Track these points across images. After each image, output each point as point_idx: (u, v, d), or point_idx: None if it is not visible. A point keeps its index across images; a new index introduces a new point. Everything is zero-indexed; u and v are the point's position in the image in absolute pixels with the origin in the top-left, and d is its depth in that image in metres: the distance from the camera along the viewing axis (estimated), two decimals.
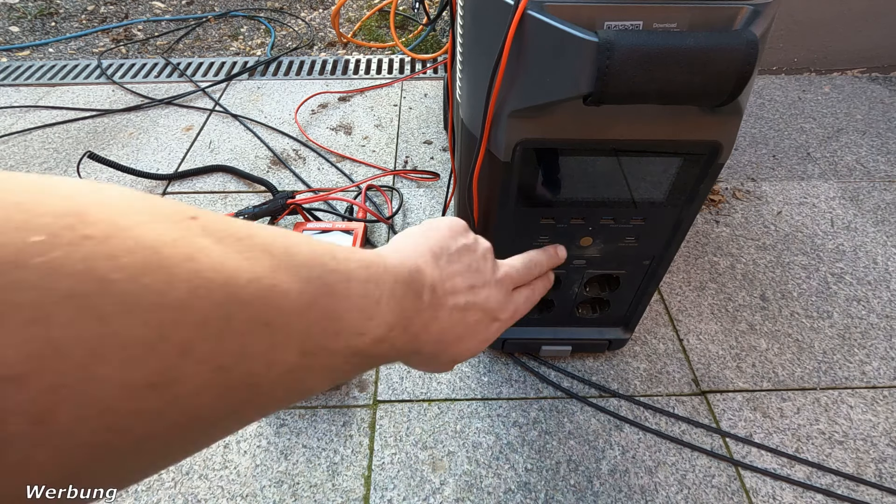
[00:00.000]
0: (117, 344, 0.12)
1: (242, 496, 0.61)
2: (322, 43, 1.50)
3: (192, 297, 0.13)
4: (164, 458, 0.15)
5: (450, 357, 0.28)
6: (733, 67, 0.35)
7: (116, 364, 0.12)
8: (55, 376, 0.11)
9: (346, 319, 0.19)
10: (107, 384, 0.12)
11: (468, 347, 0.29)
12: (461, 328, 0.28)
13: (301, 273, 0.18)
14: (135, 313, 0.12)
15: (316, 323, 0.18)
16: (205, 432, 0.16)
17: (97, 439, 0.12)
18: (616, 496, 0.62)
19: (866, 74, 1.33)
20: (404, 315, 0.23)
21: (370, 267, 0.21)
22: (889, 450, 0.66)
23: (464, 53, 0.47)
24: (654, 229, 0.54)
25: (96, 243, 0.12)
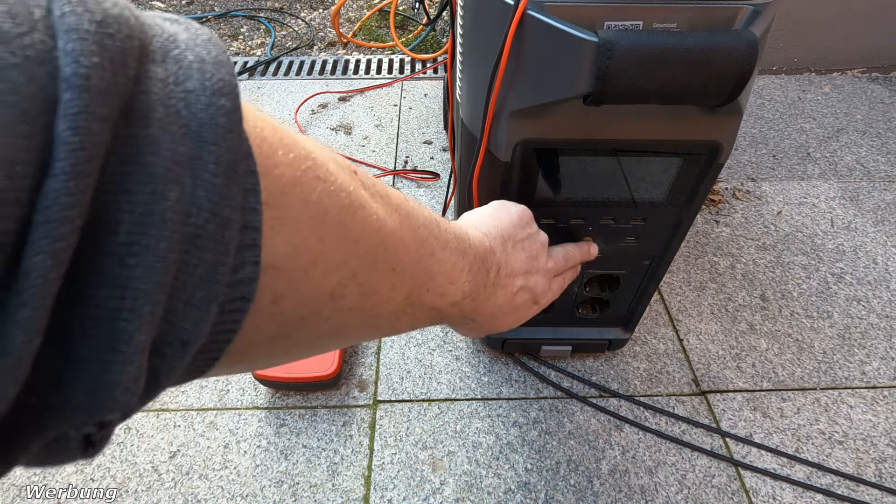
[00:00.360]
0: (325, 258, 0.17)
1: (242, 496, 0.61)
2: (322, 43, 1.50)
3: (362, 234, 0.18)
4: (317, 349, 0.21)
5: (492, 327, 0.32)
6: (733, 67, 0.35)
7: (322, 271, 0.17)
8: (293, 272, 0.16)
9: (437, 280, 0.23)
10: (312, 286, 0.17)
11: (508, 322, 0.33)
12: (510, 307, 0.32)
13: (417, 234, 0.22)
14: (336, 239, 0.17)
15: (419, 278, 0.22)
16: (343, 340, 0.22)
17: (294, 324, 0.17)
18: (616, 496, 0.62)
19: (866, 74, 1.33)
20: (475, 287, 0.27)
21: (461, 241, 0.26)
22: (889, 450, 0.66)
23: (464, 53, 0.47)
24: (654, 229, 0.54)
25: (324, 184, 0.17)
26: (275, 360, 0.20)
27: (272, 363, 0.20)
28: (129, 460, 0.64)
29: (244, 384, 0.72)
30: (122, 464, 0.64)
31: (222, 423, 0.68)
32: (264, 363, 0.20)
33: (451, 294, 0.25)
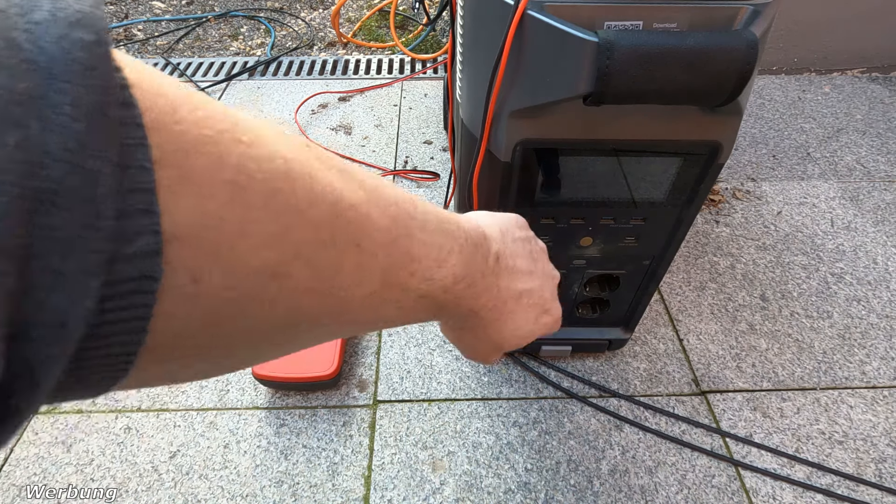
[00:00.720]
0: (256, 230, 0.15)
1: (242, 496, 0.61)
2: (322, 43, 1.50)
3: (309, 206, 0.16)
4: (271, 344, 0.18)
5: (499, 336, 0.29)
6: (733, 67, 0.35)
7: (253, 244, 0.15)
8: (212, 243, 0.14)
9: (421, 263, 0.21)
10: (244, 262, 0.15)
11: (518, 332, 0.30)
12: (516, 307, 0.29)
13: (388, 211, 0.20)
14: (270, 208, 0.15)
15: (396, 259, 0.20)
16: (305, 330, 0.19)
17: (226, 310, 0.15)
18: (616, 496, 0.62)
19: (866, 74, 1.33)
20: (470, 272, 0.25)
21: (445, 222, 0.24)
22: (889, 450, 0.66)
23: (464, 53, 0.47)
24: (654, 229, 0.54)
25: (247, 147, 0.15)
26: (215, 361, 0.17)
27: (214, 365, 0.18)
28: (129, 460, 0.64)
29: (244, 384, 0.72)
30: (122, 464, 0.64)
31: (222, 423, 0.68)
32: (203, 365, 0.17)
33: (441, 277, 0.23)
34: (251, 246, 0.15)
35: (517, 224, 0.32)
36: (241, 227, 0.14)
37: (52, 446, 0.66)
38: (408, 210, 0.21)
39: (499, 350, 0.31)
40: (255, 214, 0.14)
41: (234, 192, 0.14)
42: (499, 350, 0.31)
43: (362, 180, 0.20)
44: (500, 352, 0.31)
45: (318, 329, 0.20)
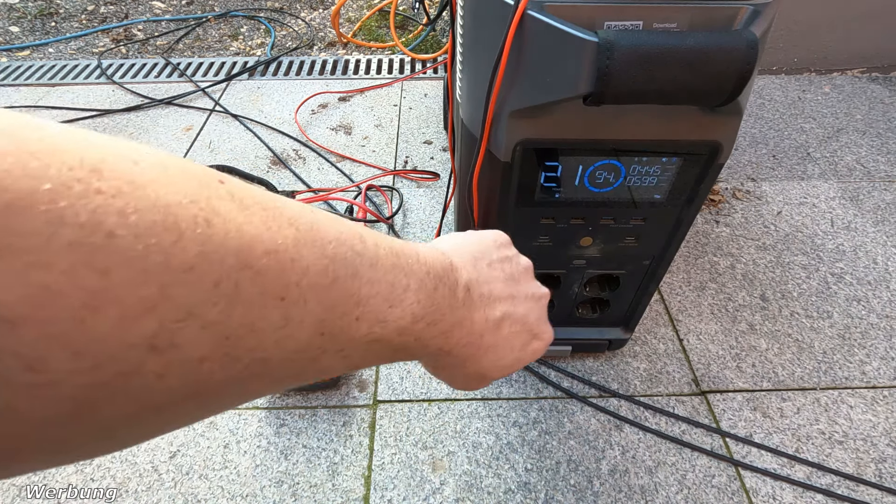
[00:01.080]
0: (115, 298, 0.12)
1: (242, 496, 0.61)
2: (322, 43, 1.50)
3: (200, 260, 0.13)
4: (164, 421, 0.15)
5: (479, 369, 0.27)
6: (733, 67, 0.35)
7: (114, 318, 0.12)
8: (49, 323, 0.11)
9: (369, 305, 0.19)
10: (102, 339, 0.12)
11: (501, 362, 0.27)
12: (496, 337, 0.26)
13: (326, 251, 0.17)
14: (137, 270, 0.12)
15: (336, 304, 0.18)
16: (209, 401, 0.16)
17: (90, 395, 0.12)
18: (616, 496, 0.62)
19: (866, 74, 1.33)
20: (434, 309, 0.22)
21: (400, 256, 0.21)
22: (889, 450, 0.66)
23: (464, 53, 0.47)
24: (654, 229, 0.54)
25: (106, 198, 0.12)
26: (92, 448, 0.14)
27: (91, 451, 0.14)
28: (129, 460, 0.64)
29: None
30: (122, 464, 0.64)
31: (222, 423, 0.68)
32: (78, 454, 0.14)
33: (395, 318, 0.20)
34: (112, 318, 0.12)
35: (495, 244, 0.29)
36: (90, 298, 0.11)
37: None
38: (353, 247, 0.19)
39: (484, 382, 0.28)
40: (113, 281, 0.12)
41: (79, 256, 0.11)
42: (484, 382, 0.28)
43: (294, 218, 0.17)
44: (485, 382, 0.28)
45: (228, 396, 0.16)
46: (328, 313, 0.17)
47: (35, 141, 0.11)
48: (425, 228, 0.94)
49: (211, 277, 0.13)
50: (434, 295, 0.22)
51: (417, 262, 0.22)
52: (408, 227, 0.94)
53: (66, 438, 0.13)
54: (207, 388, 0.15)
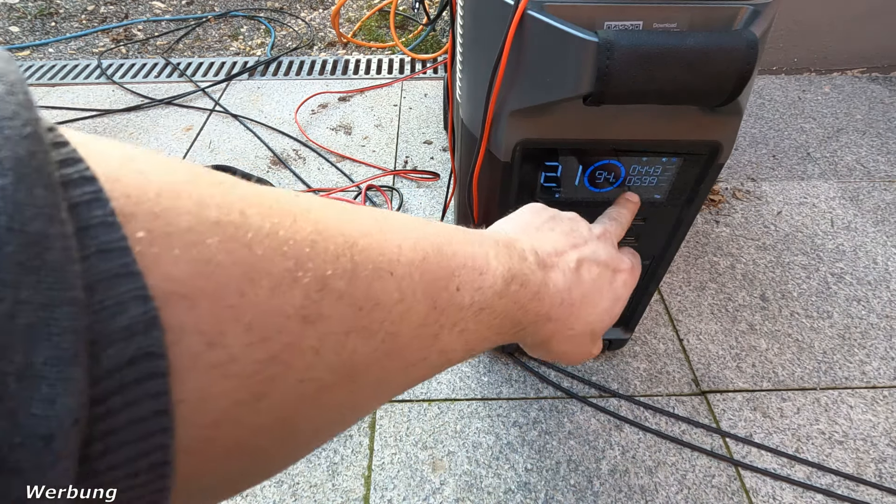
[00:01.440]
0: (265, 270, 0.13)
1: (242, 496, 0.61)
2: (322, 43, 1.50)
3: (316, 236, 0.14)
4: (329, 411, 0.15)
5: (585, 325, 0.27)
6: (733, 67, 0.35)
7: (268, 289, 0.13)
8: (219, 296, 0.12)
9: (462, 275, 0.19)
10: (264, 310, 0.12)
11: (599, 308, 0.27)
12: (582, 287, 0.26)
13: (407, 234, 0.18)
14: (273, 245, 0.13)
15: (436, 278, 0.18)
16: (358, 384, 0.16)
17: (266, 372, 0.13)
18: (616, 496, 0.62)
19: (866, 74, 1.33)
20: (515, 271, 0.22)
21: (466, 233, 0.22)
22: (889, 450, 0.66)
23: (464, 53, 0.47)
24: (654, 229, 0.54)
25: (228, 187, 0.13)
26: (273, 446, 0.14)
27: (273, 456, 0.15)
28: None
29: None
30: None
31: None
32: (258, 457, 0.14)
33: (490, 283, 0.21)
34: (266, 288, 0.12)
35: (533, 212, 0.30)
36: (246, 270, 0.12)
37: None
38: (424, 229, 0.19)
39: (596, 338, 0.29)
40: (258, 253, 0.13)
41: (225, 231, 0.12)
42: (596, 338, 0.29)
43: (368, 212, 0.18)
44: (597, 340, 0.29)
45: (381, 378, 0.17)
46: (432, 286, 0.18)
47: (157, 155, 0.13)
48: None
49: (331, 253, 0.14)
50: (511, 260, 0.23)
51: (482, 236, 0.23)
52: None
53: (255, 428, 0.13)
54: (355, 366, 0.15)
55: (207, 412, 0.12)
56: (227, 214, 0.12)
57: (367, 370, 0.16)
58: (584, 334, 0.27)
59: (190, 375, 0.11)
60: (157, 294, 0.10)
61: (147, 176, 0.11)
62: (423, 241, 0.19)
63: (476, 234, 0.23)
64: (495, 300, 0.21)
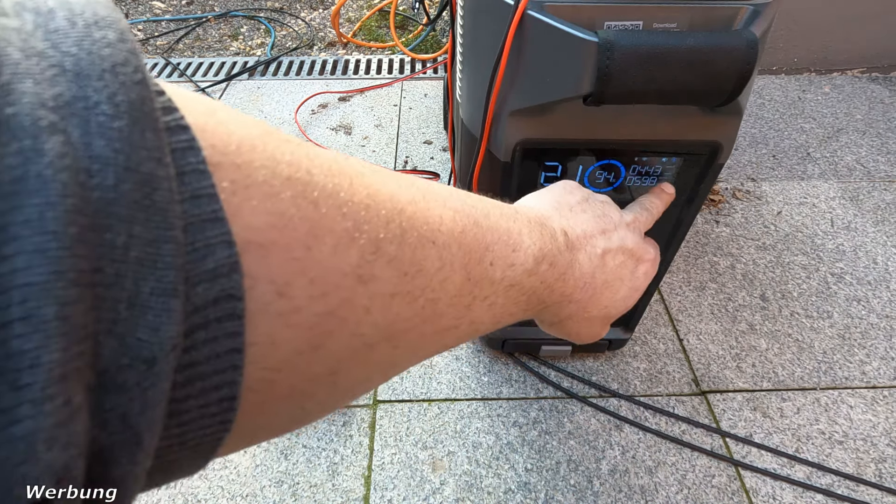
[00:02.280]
0: (328, 228, 0.13)
1: (242, 496, 0.61)
2: (322, 43, 1.50)
3: (370, 200, 0.15)
4: (379, 359, 0.16)
5: (602, 309, 0.27)
6: (733, 67, 0.35)
7: (330, 246, 0.13)
8: (289, 248, 0.12)
9: (495, 250, 0.20)
10: (326, 266, 0.13)
11: (618, 294, 0.28)
12: (605, 273, 0.27)
13: (448, 205, 0.19)
14: (335, 202, 0.14)
15: (472, 250, 0.19)
16: (398, 344, 0.17)
17: (324, 324, 0.13)
18: (616, 496, 0.62)
19: (866, 74, 1.33)
20: (548, 250, 0.23)
21: (502, 208, 0.22)
22: (889, 450, 0.66)
23: (464, 53, 0.47)
24: (654, 229, 0.54)
25: (295, 145, 0.14)
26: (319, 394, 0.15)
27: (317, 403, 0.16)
28: None
29: None
30: None
31: None
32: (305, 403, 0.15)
33: (521, 261, 0.21)
34: (329, 246, 0.13)
35: (567, 190, 0.30)
36: (312, 226, 0.13)
37: None
38: (465, 201, 0.20)
39: (608, 321, 0.29)
40: (322, 211, 0.13)
41: (296, 187, 0.13)
42: (608, 321, 0.29)
43: (411, 180, 0.18)
44: (609, 323, 0.29)
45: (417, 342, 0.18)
46: (468, 258, 0.19)
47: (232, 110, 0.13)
48: None
49: (383, 217, 0.15)
50: (543, 239, 0.23)
51: (517, 212, 0.23)
52: None
53: (308, 373, 0.14)
54: (397, 327, 0.16)
55: (272, 356, 0.12)
56: (296, 171, 0.13)
57: (407, 333, 0.17)
58: (600, 318, 0.28)
59: (261, 320, 0.12)
60: (238, 240, 0.11)
61: (228, 127, 0.12)
62: (462, 214, 0.19)
63: (511, 209, 0.23)
64: (525, 278, 0.21)
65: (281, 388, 0.13)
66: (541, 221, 0.24)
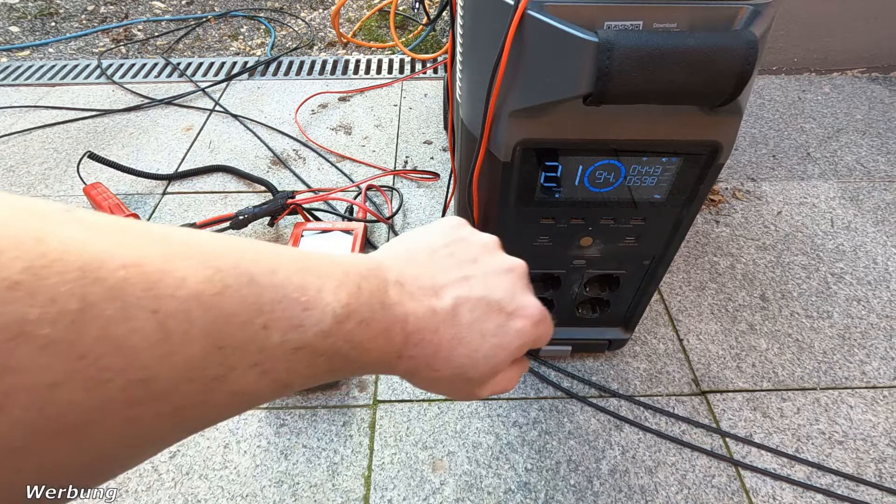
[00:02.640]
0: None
1: (242, 496, 0.61)
2: (322, 43, 1.50)
3: (28, 276, 0.12)
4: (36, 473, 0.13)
5: (456, 369, 0.24)
6: (733, 67, 0.35)
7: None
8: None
9: (276, 311, 0.17)
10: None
11: (477, 354, 0.24)
12: (455, 328, 0.23)
13: (209, 262, 0.16)
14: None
15: (233, 314, 0.16)
16: (86, 439, 0.14)
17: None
18: (616, 496, 0.62)
19: (866, 74, 1.33)
20: (360, 307, 0.20)
21: (309, 260, 0.20)
22: (889, 450, 0.66)
23: (464, 53, 0.47)
24: (654, 229, 0.54)
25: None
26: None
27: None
28: None
29: None
30: None
31: (222, 423, 0.68)
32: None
33: (314, 321, 0.18)
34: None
35: (440, 232, 0.27)
36: None
37: None
38: (244, 255, 0.18)
39: (474, 382, 0.25)
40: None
41: None
42: (474, 382, 0.25)
43: (167, 235, 0.16)
44: (478, 385, 0.25)
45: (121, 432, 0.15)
46: (223, 323, 0.16)
47: None
48: None
49: (45, 294, 0.12)
50: (358, 294, 0.20)
51: (332, 264, 0.20)
52: (408, 227, 0.94)
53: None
54: (75, 420, 0.13)
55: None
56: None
57: (101, 424, 0.14)
58: (456, 378, 0.24)
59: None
60: None
61: None
62: (230, 273, 0.17)
63: (327, 261, 0.20)
64: (319, 339, 0.19)
65: None
66: (368, 273, 0.21)
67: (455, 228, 0.27)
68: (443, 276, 0.24)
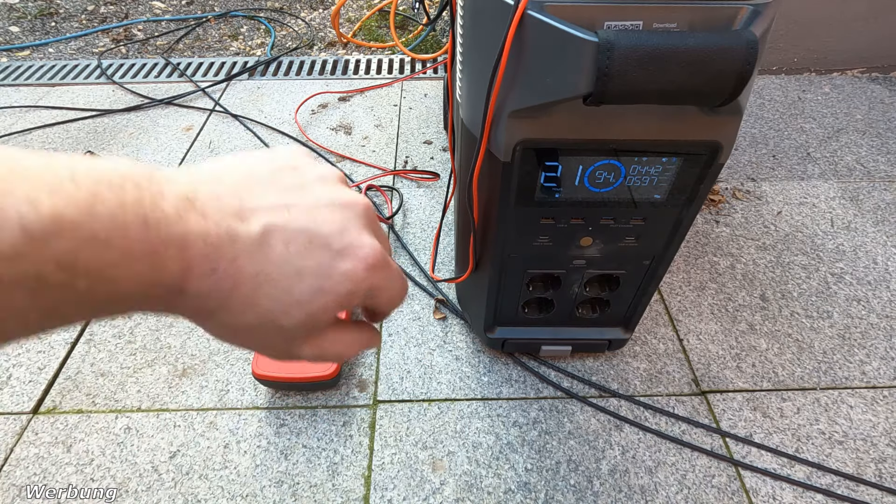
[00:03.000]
0: None
1: (242, 496, 0.61)
2: (322, 43, 1.50)
3: None
4: None
5: (265, 312, 0.19)
6: (733, 67, 0.35)
7: None
8: None
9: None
10: None
11: (288, 296, 0.19)
12: (261, 262, 0.19)
13: None
14: None
15: None
16: None
17: None
18: (616, 496, 0.62)
19: (866, 74, 1.33)
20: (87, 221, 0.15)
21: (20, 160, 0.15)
22: (889, 450, 0.66)
23: (464, 53, 0.47)
24: (654, 229, 0.54)
25: None
26: None
27: None
28: (129, 460, 0.64)
29: (244, 384, 0.72)
30: (122, 464, 0.64)
31: (222, 423, 0.68)
32: None
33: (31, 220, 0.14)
34: None
35: (272, 157, 0.22)
36: None
37: (52, 446, 0.66)
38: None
39: (287, 337, 0.20)
40: None
41: None
42: (287, 337, 0.20)
43: None
44: (295, 340, 0.21)
45: None
46: None
47: None
48: (425, 228, 0.94)
49: None
50: (90, 202, 0.15)
51: (52, 167, 0.15)
52: (408, 227, 0.94)
53: None
54: None
55: None
56: None
57: None
58: (265, 328, 0.20)
59: None
60: None
61: None
62: None
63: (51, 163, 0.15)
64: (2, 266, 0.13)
65: None
66: (120, 181, 0.16)
67: (292, 156, 0.22)
68: (255, 199, 0.19)
